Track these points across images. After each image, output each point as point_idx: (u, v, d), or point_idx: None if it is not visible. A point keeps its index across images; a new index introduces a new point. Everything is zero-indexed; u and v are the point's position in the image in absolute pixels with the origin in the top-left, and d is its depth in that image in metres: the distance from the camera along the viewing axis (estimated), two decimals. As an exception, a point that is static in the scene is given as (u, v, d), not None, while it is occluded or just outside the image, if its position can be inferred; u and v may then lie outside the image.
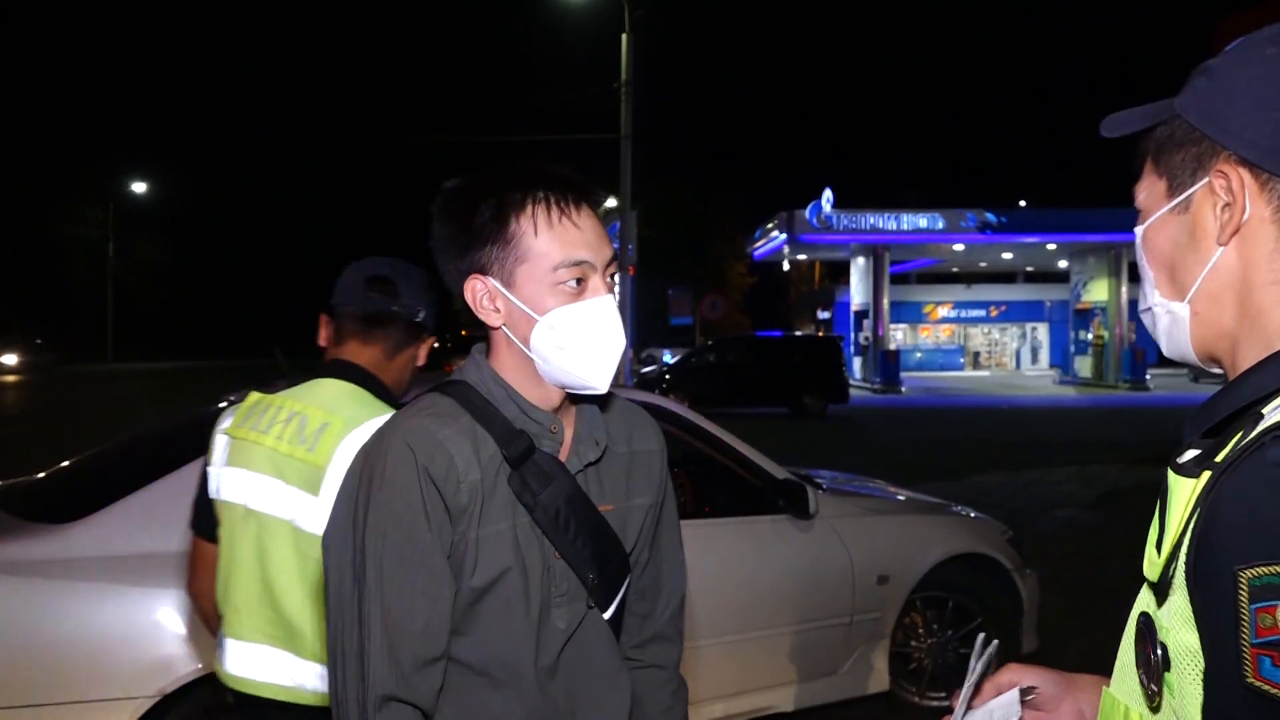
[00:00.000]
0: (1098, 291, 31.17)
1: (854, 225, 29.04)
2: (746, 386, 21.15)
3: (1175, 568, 0.85)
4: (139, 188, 48.63)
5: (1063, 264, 34.54)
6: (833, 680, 4.12)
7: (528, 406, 1.41)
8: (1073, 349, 33.29)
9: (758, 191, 65.60)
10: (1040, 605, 4.63)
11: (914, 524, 4.47)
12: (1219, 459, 0.83)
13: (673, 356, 26.71)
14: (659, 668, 1.62)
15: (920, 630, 4.43)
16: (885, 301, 30.32)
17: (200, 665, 2.90)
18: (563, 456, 1.43)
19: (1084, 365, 31.84)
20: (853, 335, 32.32)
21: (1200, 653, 0.82)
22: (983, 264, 36.90)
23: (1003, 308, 39.81)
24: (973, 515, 4.79)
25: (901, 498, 4.86)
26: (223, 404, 2.88)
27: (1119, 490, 10.72)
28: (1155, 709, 0.90)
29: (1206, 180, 0.93)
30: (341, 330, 2.03)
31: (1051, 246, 31.23)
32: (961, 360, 39.73)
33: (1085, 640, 5.39)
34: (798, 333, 35.57)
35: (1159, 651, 0.88)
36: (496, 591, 1.36)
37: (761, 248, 35.15)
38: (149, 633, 2.93)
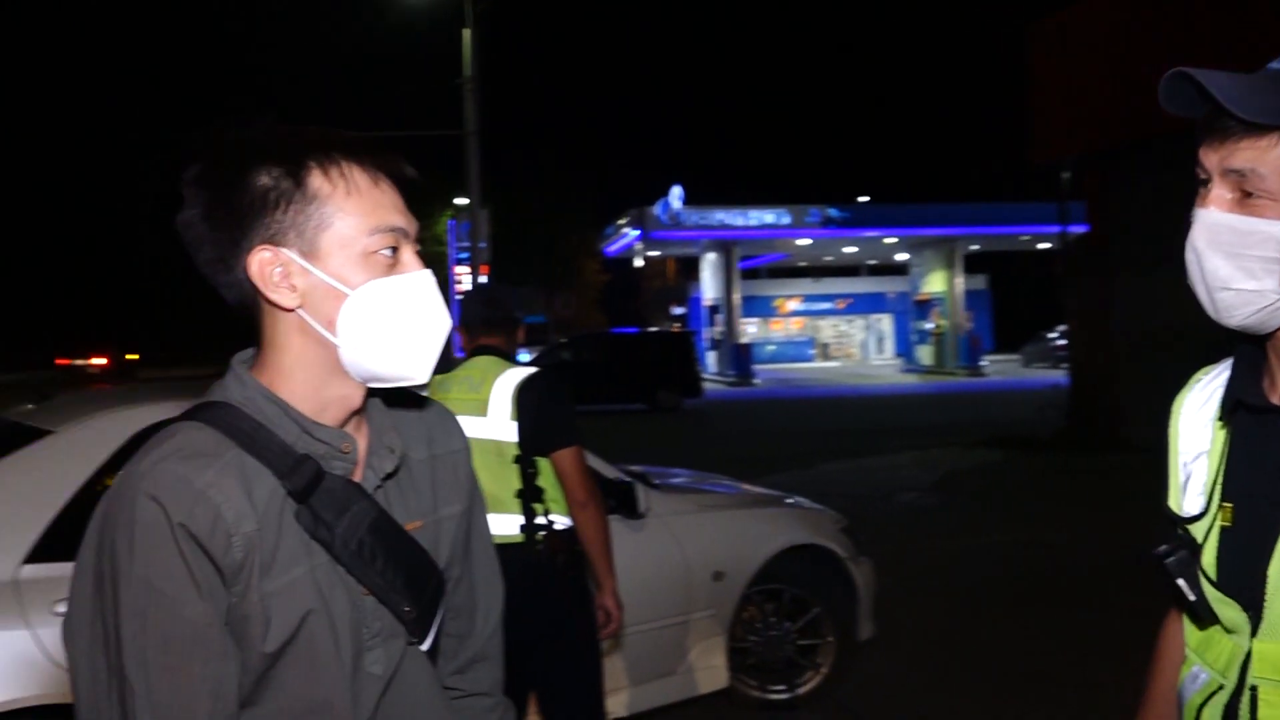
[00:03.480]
0: (935, 283, 32.53)
1: (703, 222, 29.41)
2: (602, 383, 21.01)
3: None
4: None
5: (901, 257, 35.92)
6: (670, 680, 4.04)
7: (310, 424, 1.16)
8: (914, 338, 34.67)
9: (609, 188, 65.65)
10: (876, 591, 4.67)
11: (748, 518, 4.43)
12: None
13: (528, 355, 26.43)
14: (482, 695, 1.43)
15: (758, 624, 4.40)
16: (736, 296, 30.84)
17: None
18: (356, 476, 1.21)
19: (925, 354, 33.19)
20: (706, 330, 32.75)
21: None
22: (828, 258, 38.01)
23: (849, 300, 41.16)
24: (808, 506, 4.80)
25: (739, 492, 4.83)
26: None
27: (956, 472, 11.14)
28: None
29: None
30: (473, 331, 3.15)
31: (891, 240, 32.41)
32: (812, 352, 40.85)
33: (921, 622, 5.51)
34: (652, 328, 35.80)
35: None
36: (298, 646, 1.13)
37: (613, 245, 35.23)
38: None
